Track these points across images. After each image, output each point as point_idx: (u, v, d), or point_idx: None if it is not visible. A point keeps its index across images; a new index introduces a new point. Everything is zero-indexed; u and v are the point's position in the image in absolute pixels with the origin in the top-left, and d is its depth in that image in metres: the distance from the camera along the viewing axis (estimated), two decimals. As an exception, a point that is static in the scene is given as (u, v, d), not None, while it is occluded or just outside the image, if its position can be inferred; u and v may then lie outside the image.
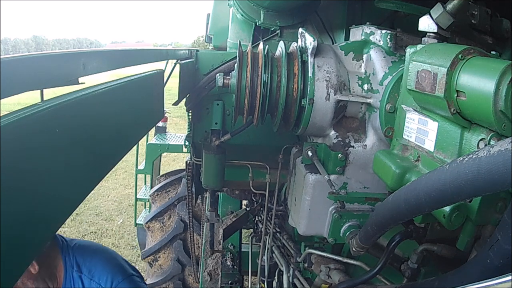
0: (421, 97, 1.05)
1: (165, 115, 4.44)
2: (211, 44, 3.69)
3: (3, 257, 0.56)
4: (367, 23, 1.54)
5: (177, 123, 12.28)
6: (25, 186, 0.63)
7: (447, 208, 0.93)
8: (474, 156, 0.67)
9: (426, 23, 1.18)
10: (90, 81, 0.92)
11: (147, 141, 5.64)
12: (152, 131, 5.90)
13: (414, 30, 1.28)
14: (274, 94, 1.43)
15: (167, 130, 6.16)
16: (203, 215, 3.26)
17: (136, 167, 5.86)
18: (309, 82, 1.40)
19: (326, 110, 1.42)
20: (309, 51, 1.41)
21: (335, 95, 1.41)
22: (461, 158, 0.71)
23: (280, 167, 1.91)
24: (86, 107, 0.86)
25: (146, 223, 4.02)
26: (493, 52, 0.98)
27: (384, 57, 1.42)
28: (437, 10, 1.15)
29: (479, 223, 0.98)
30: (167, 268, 3.73)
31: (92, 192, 1.16)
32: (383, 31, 1.45)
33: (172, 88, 1.85)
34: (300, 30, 1.52)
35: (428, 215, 1.03)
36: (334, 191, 1.38)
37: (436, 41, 1.17)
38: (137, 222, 5.41)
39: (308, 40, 1.42)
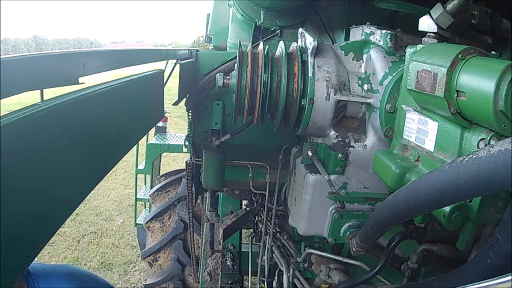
0: (421, 97, 1.05)
1: (165, 115, 4.44)
2: (211, 44, 3.69)
3: (3, 257, 0.56)
4: (367, 23, 1.54)
5: (177, 123, 12.28)
6: (25, 186, 0.63)
7: (447, 208, 0.93)
8: (474, 156, 0.67)
9: (426, 23, 1.18)
10: (90, 81, 0.92)
11: (147, 141, 5.64)
12: (152, 131, 5.90)
13: (414, 30, 1.28)
14: (274, 94, 1.43)
15: (167, 130, 6.16)
16: (203, 215, 3.26)
17: (136, 167, 5.86)
18: (309, 82, 1.40)
19: (326, 110, 1.42)
20: (309, 51, 1.41)
21: (335, 95, 1.41)
22: (461, 158, 0.71)
23: (280, 167, 1.91)
24: (86, 107, 0.86)
25: (146, 223, 4.02)
26: (493, 52, 0.98)
27: (384, 57, 1.42)
28: (437, 10, 1.15)
29: (479, 223, 0.98)
30: (167, 268, 3.73)
31: (92, 192, 1.15)
32: (383, 31, 1.45)
33: (172, 88, 1.85)
34: (300, 30, 1.52)
35: (428, 215, 1.03)
36: (334, 191, 1.38)
37: (436, 41, 1.17)
38: (137, 222, 5.41)
39: (308, 40, 1.42)
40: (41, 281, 1.59)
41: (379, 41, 1.46)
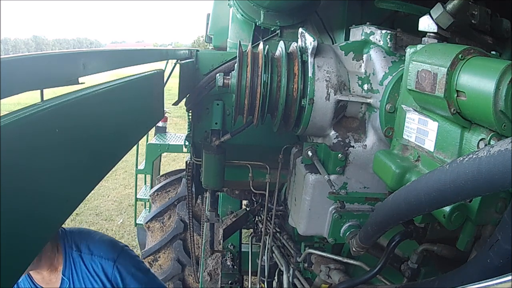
0: (421, 97, 1.05)
1: (165, 115, 4.44)
2: (211, 44, 3.69)
3: (3, 257, 0.56)
4: (367, 23, 1.54)
5: (177, 123, 12.28)
6: (25, 186, 0.63)
7: (447, 208, 0.93)
8: (474, 156, 0.67)
9: (426, 23, 1.18)
10: (90, 81, 0.92)
11: (147, 141, 5.64)
12: (152, 131, 5.90)
13: (414, 30, 1.28)
14: (274, 94, 1.43)
15: (167, 130, 6.16)
16: (203, 215, 3.26)
17: (136, 167, 5.86)
18: (309, 82, 1.40)
19: (326, 110, 1.42)
20: (309, 51, 1.41)
21: (335, 95, 1.41)
22: (461, 158, 0.71)
23: (280, 167, 1.91)
24: (86, 107, 0.86)
25: (146, 223, 4.02)
26: (493, 52, 0.98)
27: (384, 57, 1.42)
28: (437, 10, 1.15)
29: (479, 223, 0.98)
30: (167, 268, 3.73)
31: (92, 192, 1.16)
32: (383, 31, 1.45)
33: (172, 88, 1.85)
34: (300, 30, 1.52)
35: (428, 215, 1.03)
36: (334, 191, 1.38)
37: (436, 41, 1.17)
38: (137, 222, 5.42)
39: (308, 40, 1.42)
40: (75, 235, 1.75)
41: (379, 41, 1.46)
